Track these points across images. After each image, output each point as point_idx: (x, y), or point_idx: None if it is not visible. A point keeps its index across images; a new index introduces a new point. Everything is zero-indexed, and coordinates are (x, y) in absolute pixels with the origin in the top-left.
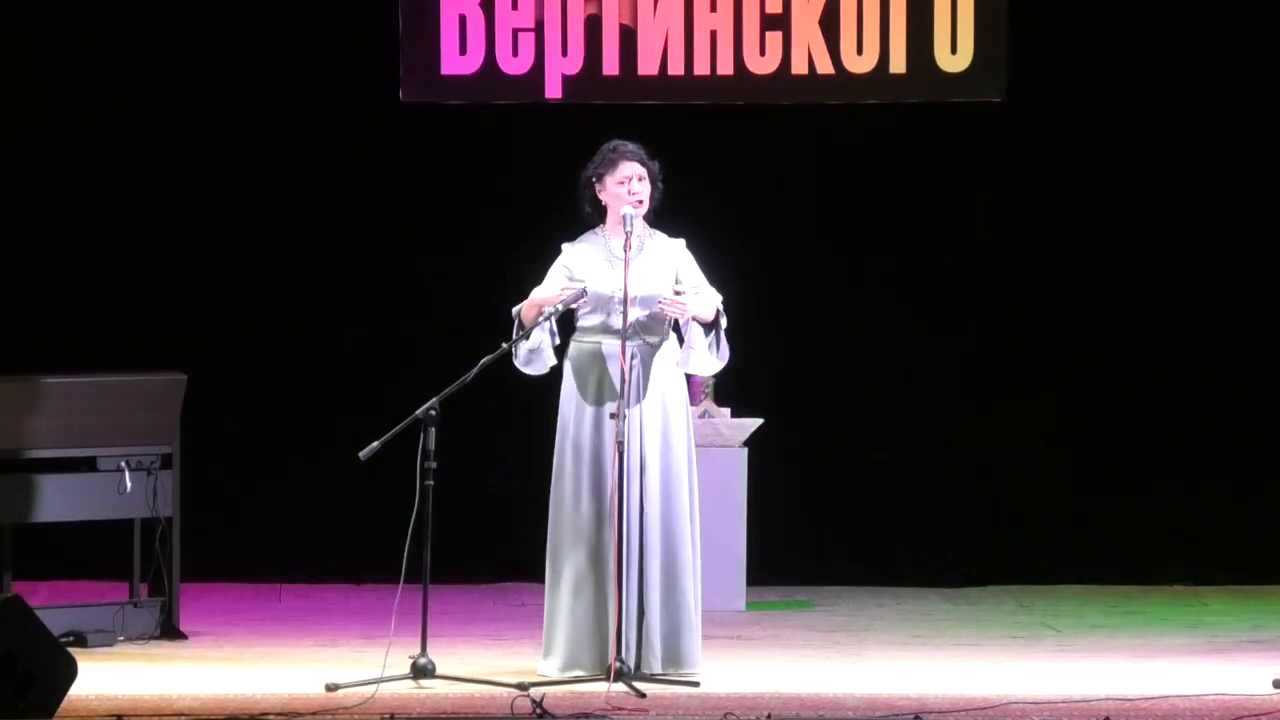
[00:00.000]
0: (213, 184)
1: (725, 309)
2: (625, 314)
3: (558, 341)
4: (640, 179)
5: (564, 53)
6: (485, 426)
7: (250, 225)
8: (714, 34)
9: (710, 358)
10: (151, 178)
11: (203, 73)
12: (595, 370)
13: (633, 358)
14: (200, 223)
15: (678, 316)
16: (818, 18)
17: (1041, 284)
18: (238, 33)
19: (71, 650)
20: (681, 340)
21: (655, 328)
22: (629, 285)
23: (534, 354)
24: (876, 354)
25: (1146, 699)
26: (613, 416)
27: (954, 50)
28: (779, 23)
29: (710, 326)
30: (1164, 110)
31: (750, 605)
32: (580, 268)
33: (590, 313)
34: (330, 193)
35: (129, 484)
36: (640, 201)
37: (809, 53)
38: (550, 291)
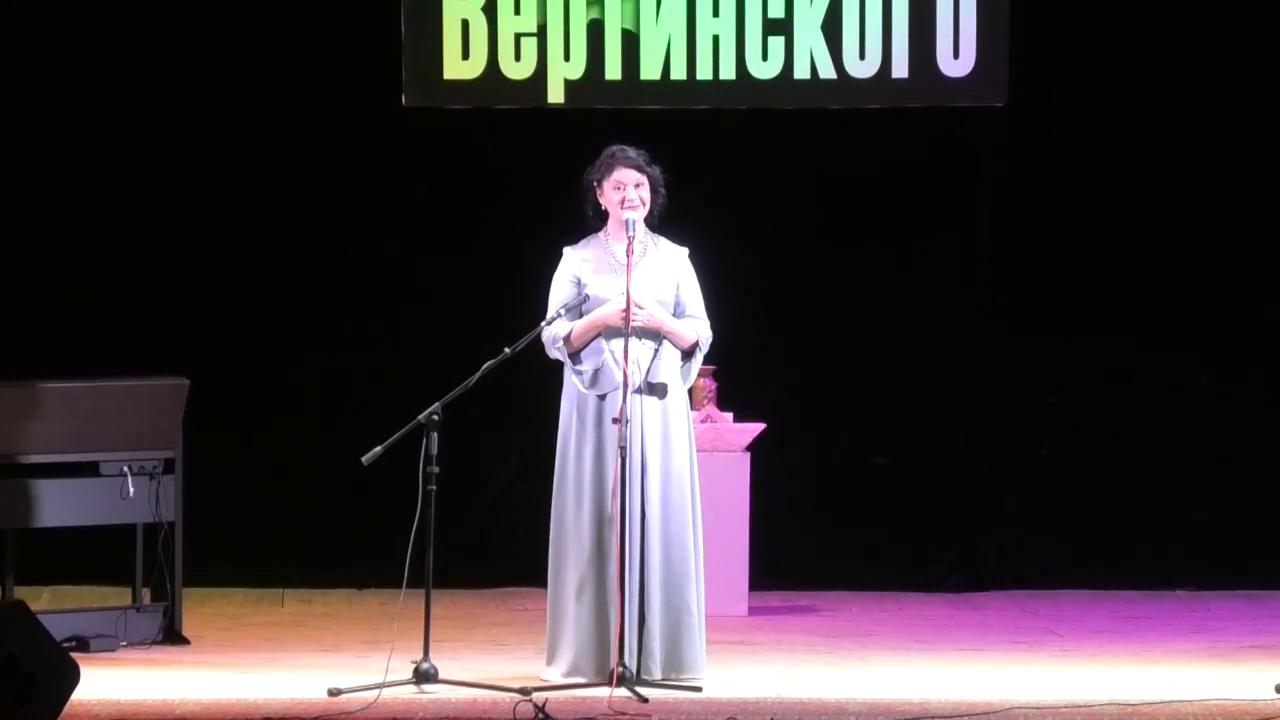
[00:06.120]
0: (215, 188)
1: (715, 332)
2: (627, 318)
3: (616, 357)
4: (637, 185)
5: (566, 57)
6: (487, 431)
7: (252, 229)
8: (716, 38)
9: (676, 383)
10: (154, 182)
11: (206, 78)
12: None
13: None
14: (202, 227)
15: (634, 322)
16: (820, 22)
17: (1044, 287)
18: (240, 38)
19: (74, 655)
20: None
21: (655, 333)
22: (631, 291)
23: (600, 372)
24: (878, 359)
25: (1149, 704)
26: (615, 421)
27: (956, 55)
28: (781, 27)
29: (687, 354)
30: (1166, 114)
31: (752, 610)
32: (583, 272)
33: None
34: (333, 198)
35: (131, 489)
36: (633, 207)
37: (811, 57)
38: (609, 310)
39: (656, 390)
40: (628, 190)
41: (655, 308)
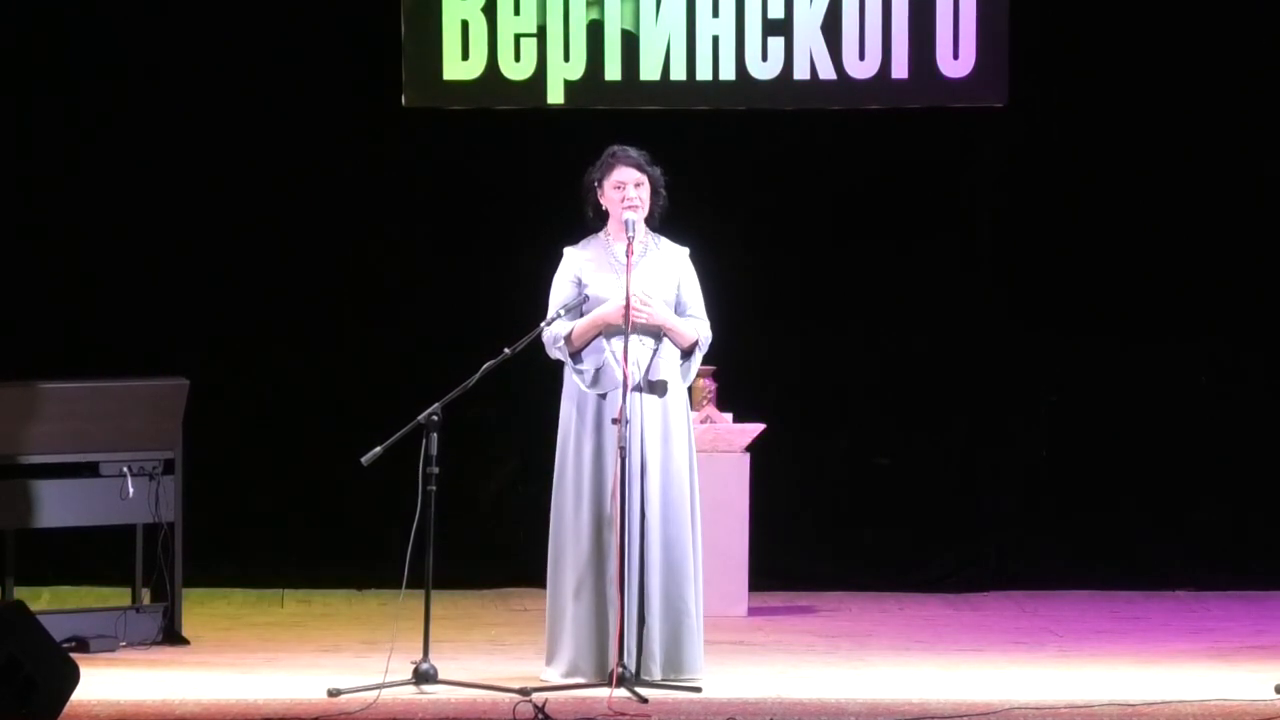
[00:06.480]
0: (215, 189)
1: (715, 333)
2: (627, 319)
3: (617, 356)
4: (637, 184)
5: (566, 58)
6: (487, 431)
7: (253, 230)
8: (716, 39)
9: (676, 380)
10: (154, 183)
11: (206, 78)
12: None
13: (635, 364)
14: (202, 228)
15: (639, 319)
16: (820, 23)
17: (1044, 287)
18: (240, 38)
19: (74, 656)
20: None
21: (655, 332)
22: (633, 287)
23: (602, 371)
24: (879, 359)
25: (1149, 704)
26: (614, 421)
27: (956, 56)
28: (781, 28)
29: (687, 354)
30: (1166, 113)
31: (752, 610)
32: (584, 272)
33: None
34: (333, 198)
35: (131, 489)
36: (633, 207)
37: (811, 58)
38: (610, 308)
39: (656, 388)
40: (628, 189)
41: (658, 304)
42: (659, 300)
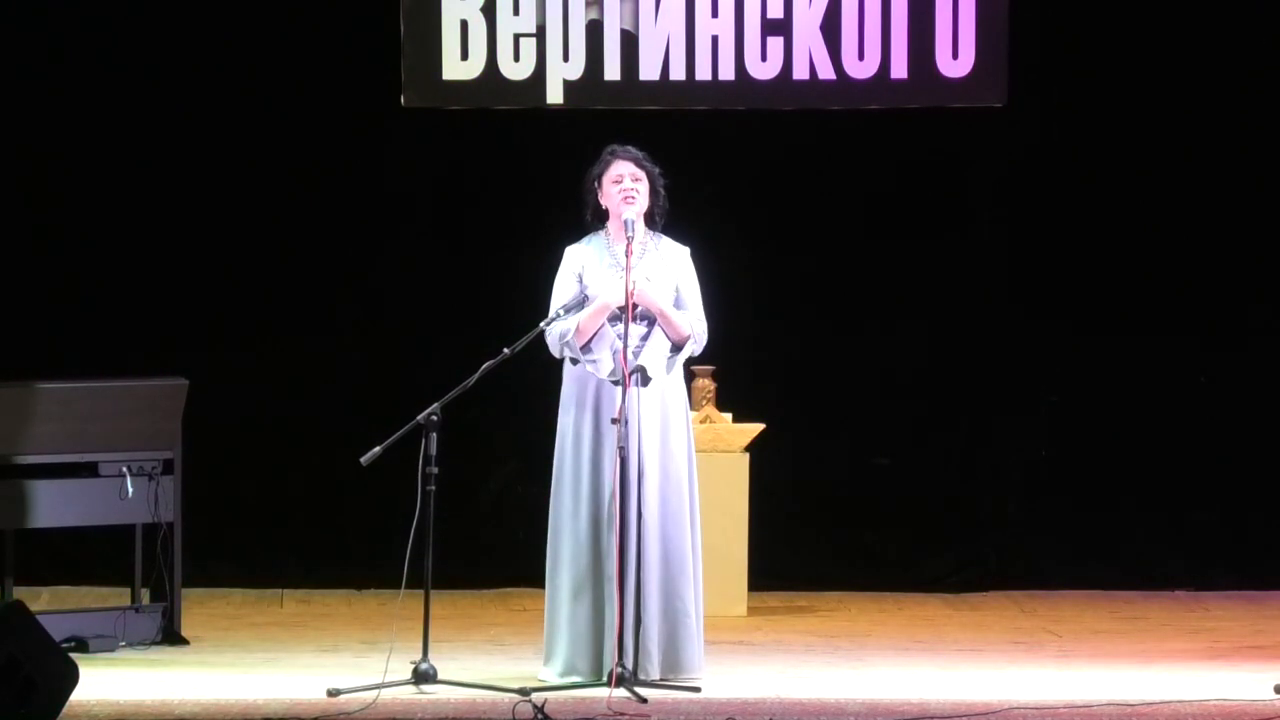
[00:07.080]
0: (214, 189)
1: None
2: (627, 320)
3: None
4: (635, 178)
5: (565, 58)
6: (487, 431)
7: (252, 230)
8: (715, 39)
9: (659, 369)
10: (153, 182)
11: (206, 78)
12: (596, 376)
13: (634, 371)
14: (202, 227)
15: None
16: (819, 23)
17: (1044, 287)
18: (240, 38)
19: (73, 656)
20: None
21: (650, 321)
22: (632, 282)
23: (616, 356)
24: (879, 359)
25: (1148, 704)
26: (614, 421)
27: (955, 56)
28: (780, 28)
29: (676, 348)
30: (1166, 113)
31: (751, 610)
32: (586, 270)
33: None
34: (332, 198)
35: (130, 489)
36: (630, 199)
37: (810, 58)
38: (613, 293)
39: (639, 375)
40: (625, 182)
41: (656, 291)
42: (657, 286)
